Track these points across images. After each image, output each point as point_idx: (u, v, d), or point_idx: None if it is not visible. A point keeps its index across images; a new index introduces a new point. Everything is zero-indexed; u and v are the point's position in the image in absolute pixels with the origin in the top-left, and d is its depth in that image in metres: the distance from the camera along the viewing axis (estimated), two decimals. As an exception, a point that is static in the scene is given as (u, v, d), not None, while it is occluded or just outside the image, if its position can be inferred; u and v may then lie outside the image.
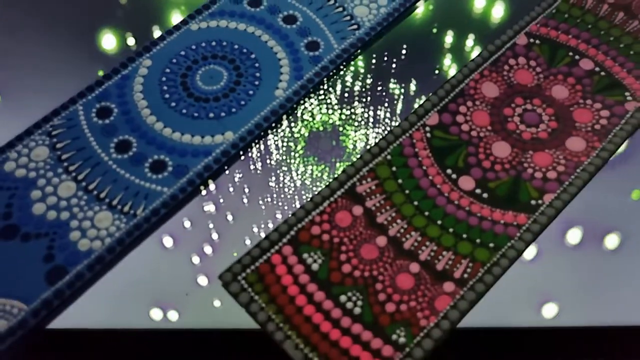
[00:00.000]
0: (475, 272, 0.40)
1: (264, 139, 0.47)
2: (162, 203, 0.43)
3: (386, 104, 0.48)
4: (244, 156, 0.46)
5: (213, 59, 0.49)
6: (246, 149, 0.46)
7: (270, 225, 0.43)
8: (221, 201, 0.44)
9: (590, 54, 0.49)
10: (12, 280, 0.40)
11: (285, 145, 0.46)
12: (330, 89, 0.49)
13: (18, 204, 0.42)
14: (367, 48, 0.51)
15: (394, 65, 0.50)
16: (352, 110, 0.48)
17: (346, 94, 0.49)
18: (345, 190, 0.43)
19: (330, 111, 0.48)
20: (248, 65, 0.49)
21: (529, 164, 0.44)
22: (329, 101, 0.48)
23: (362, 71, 0.50)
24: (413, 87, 0.49)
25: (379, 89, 0.49)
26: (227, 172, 0.45)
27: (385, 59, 0.50)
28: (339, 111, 0.48)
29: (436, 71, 0.50)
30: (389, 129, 0.47)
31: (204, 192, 0.44)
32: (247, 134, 0.46)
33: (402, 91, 0.49)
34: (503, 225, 0.41)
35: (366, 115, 0.48)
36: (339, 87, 0.49)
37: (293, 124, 0.47)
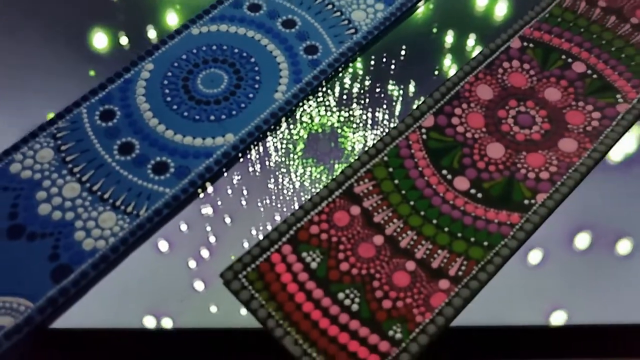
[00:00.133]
0: (470, 269, 0.40)
1: (263, 141, 0.47)
2: (165, 203, 0.44)
3: (384, 106, 0.49)
4: (243, 158, 0.46)
5: (214, 63, 0.50)
6: (246, 151, 0.47)
7: (270, 226, 0.44)
8: (220, 203, 0.45)
9: (583, 57, 0.50)
10: (18, 278, 0.40)
11: (284, 147, 0.47)
12: (328, 91, 0.50)
13: (24, 205, 0.43)
14: (365, 51, 0.52)
15: (391, 68, 0.51)
16: (351, 112, 0.49)
17: (344, 96, 0.50)
18: (343, 191, 0.44)
19: (328, 113, 0.49)
20: (248, 68, 0.50)
21: (522, 164, 0.45)
22: (327, 103, 0.49)
23: (360, 73, 0.51)
24: (410, 89, 0.50)
25: (376, 90, 0.50)
26: (225, 174, 0.46)
27: (382, 62, 0.51)
28: (337, 113, 0.49)
29: (433, 73, 0.51)
30: (386, 130, 0.48)
31: (202, 195, 0.45)
32: (247, 136, 0.47)
33: (399, 93, 0.50)
34: (497, 224, 0.42)
35: (364, 117, 0.49)
36: (337, 90, 0.50)
37: (292, 126, 0.48)
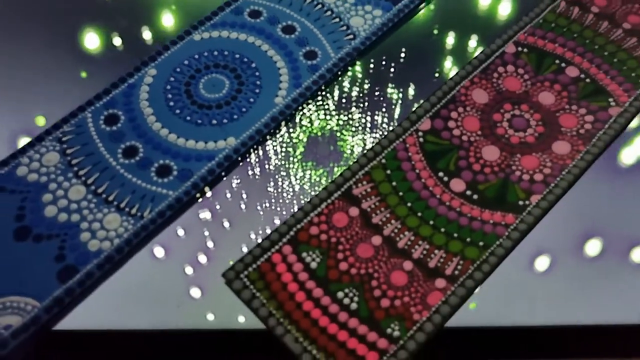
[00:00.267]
0: (466, 269, 0.41)
1: (263, 144, 0.48)
2: (168, 205, 0.45)
3: (381, 110, 0.50)
4: (243, 162, 0.47)
5: (215, 68, 0.51)
6: (247, 154, 0.48)
7: (271, 228, 0.45)
8: (220, 206, 0.46)
9: (576, 61, 0.51)
10: (25, 278, 0.41)
11: (284, 150, 0.48)
12: (327, 95, 0.51)
13: (30, 207, 0.44)
14: (363, 57, 0.53)
15: (388, 72, 0.52)
16: (349, 116, 0.50)
17: (343, 100, 0.51)
18: (342, 193, 0.45)
19: (327, 117, 0.50)
20: (249, 73, 0.51)
21: (517, 166, 0.46)
22: (326, 107, 0.50)
23: (358, 77, 0.52)
24: (407, 93, 0.51)
25: (374, 94, 0.51)
26: (227, 177, 0.47)
27: (380, 66, 0.52)
28: (336, 117, 0.50)
29: (430, 77, 0.51)
30: (384, 133, 0.49)
31: (204, 197, 0.46)
32: (249, 139, 0.48)
33: (397, 97, 0.51)
34: (492, 224, 0.43)
35: (363, 121, 0.50)
36: (336, 93, 0.51)
37: (292, 130, 0.49)
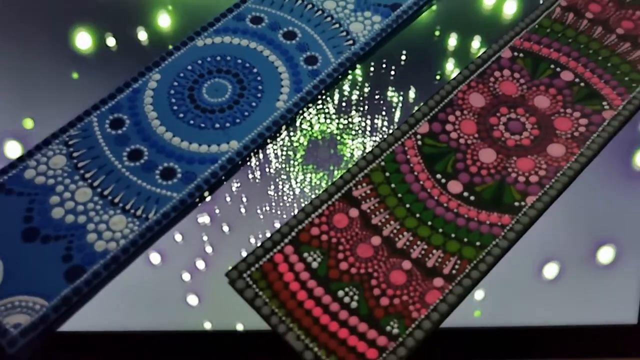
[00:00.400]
0: (463, 268, 0.42)
1: (264, 148, 0.49)
2: (172, 207, 0.46)
3: (380, 113, 0.51)
4: (245, 165, 0.48)
5: (218, 73, 0.52)
6: (250, 157, 0.49)
7: (272, 230, 0.46)
8: (222, 209, 0.47)
9: (571, 66, 0.52)
10: (33, 278, 0.42)
11: (285, 154, 0.49)
12: (328, 99, 0.52)
13: (38, 209, 0.45)
14: (362, 61, 0.54)
15: (387, 77, 0.53)
16: (349, 119, 0.51)
17: (343, 104, 0.52)
18: (342, 195, 0.46)
19: (328, 121, 0.51)
20: (251, 78, 0.52)
21: (512, 168, 0.47)
22: (327, 111, 0.51)
23: (357, 82, 0.53)
24: (405, 96, 0.52)
25: (373, 98, 0.52)
26: (229, 180, 0.48)
27: (379, 71, 0.53)
28: (336, 121, 0.51)
29: (428, 81, 0.52)
30: (383, 137, 0.50)
31: (210, 198, 0.47)
32: (251, 142, 0.49)
33: (395, 101, 0.52)
34: (488, 225, 0.44)
35: (362, 125, 0.51)
36: (336, 98, 0.52)
37: (293, 134, 0.50)
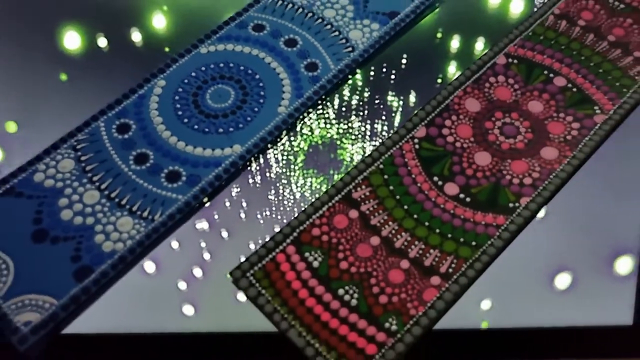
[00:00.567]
0: (459, 267, 0.44)
1: (265, 152, 0.51)
2: (177, 209, 0.47)
3: (379, 118, 0.52)
4: (247, 169, 0.50)
5: (221, 79, 0.54)
6: (252, 161, 0.50)
7: (274, 232, 0.47)
8: (224, 213, 0.48)
9: (563, 72, 0.54)
10: (43, 278, 0.44)
11: (285, 158, 0.51)
12: (328, 104, 0.53)
13: (47, 211, 0.47)
14: (361, 68, 0.55)
15: (386, 82, 0.54)
16: (349, 124, 0.52)
17: (343, 109, 0.53)
18: (342, 196, 0.47)
19: (328, 126, 0.52)
20: (253, 84, 0.54)
21: (507, 171, 0.48)
22: (327, 116, 0.53)
23: (356, 88, 0.54)
24: (404, 102, 0.53)
25: (372, 103, 0.53)
26: (232, 184, 0.49)
27: (377, 77, 0.55)
28: (336, 126, 0.52)
29: (424, 86, 0.54)
30: (382, 141, 0.51)
31: (213, 201, 0.48)
32: (253, 146, 0.50)
33: (393, 106, 0.53)
34: (484, 225, 0.46)
35: (361, 129, 0.52)
36: (336, 103, 0.53)
37: (293, 139, 0.52)
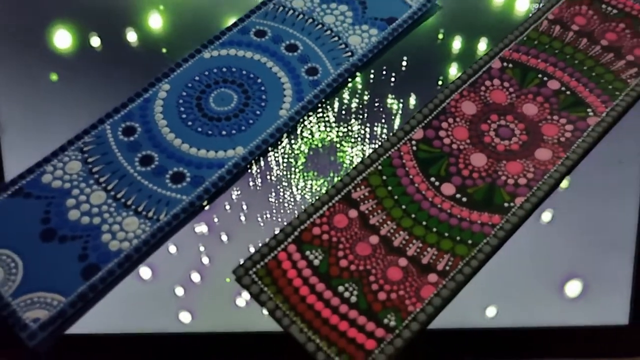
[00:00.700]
0: (456, 265, 0.45)
1: (267, 155, 0.52)
2: (182, 209, 0.48)
3: (379, 121, 0.53)
4: (248, 171, 0.51)
5: (224, 83, 0.55)
6: (254, 162, 0.52)
7: (275, 231, 0.48)
8: (225, 214, 0.49)
9: (557, 75, 0.55)
10: (51, 276, 0.45)
11: (286, 161, 0.52)
12: (328, 107, 0.55)
13: (55, 211, 0.48)
14: (360, 72, 0.57)
15: (384, 86, 0.55)
16: (349, 127, 0.53)
17: (343, 112, 0.54)
18: (342, 197, 0.48)
19: (328, 129, 0.54)
20: (255, 88, 0.55)
21: (502, 172, 0.50)
22: (327, 119, 0.54)
23: (356, 91, 0.55)
24: (401, 105, 0.54)
25: (372, 107, 0.54)
26: (233, 185, 0.50)
27: (376, 80, 0.56)
28: (336, 129, 0.54)
29: (421, 90, 0.55)
30: (380, 143, 0.52)
31: (215, 203, 0.49)
32: (256, 148, 0.51)
33: (392, 109, 0.54)
34: (480, 224, 0.47)
35: (361, 132, 0.53)
36: (336, 106, 0.55)
37: (294, 141, 0.53)
